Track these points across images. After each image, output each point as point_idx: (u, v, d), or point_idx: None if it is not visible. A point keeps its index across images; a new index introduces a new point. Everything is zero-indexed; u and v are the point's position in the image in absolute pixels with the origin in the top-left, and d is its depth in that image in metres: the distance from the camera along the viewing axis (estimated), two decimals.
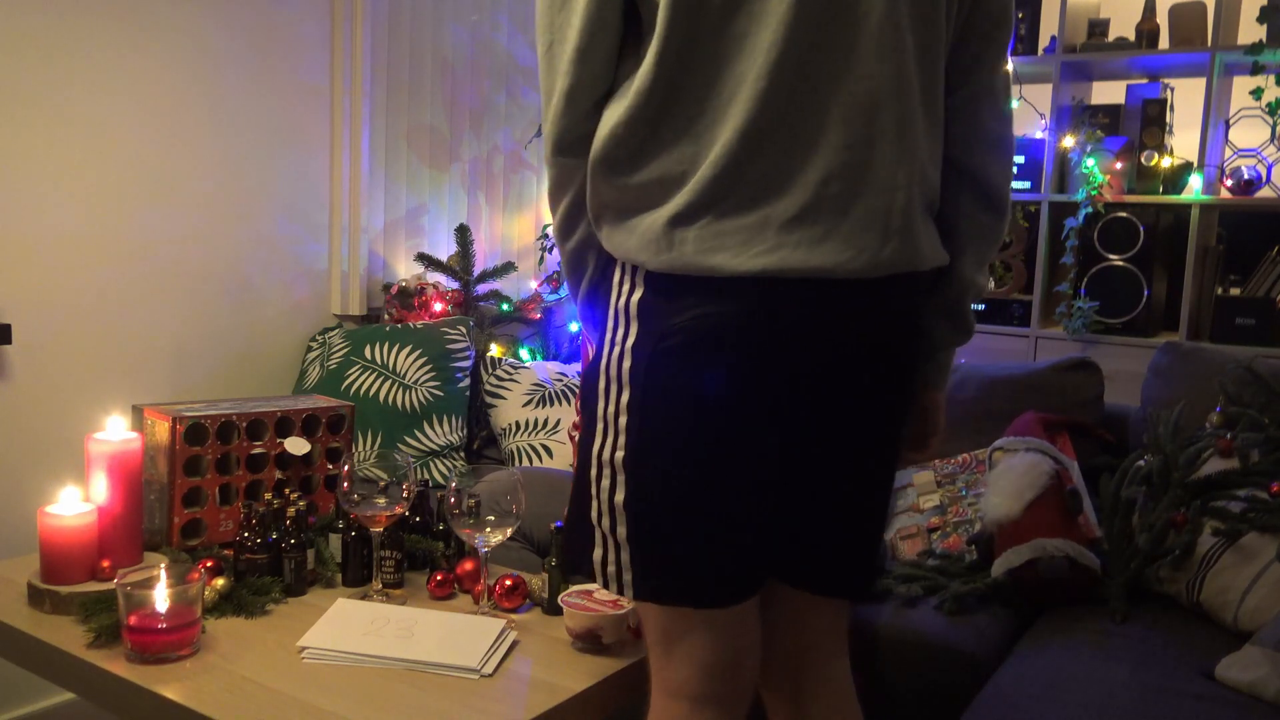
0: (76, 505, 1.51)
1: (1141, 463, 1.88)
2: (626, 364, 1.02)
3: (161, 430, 1.67)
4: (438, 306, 2.68)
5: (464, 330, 2.56)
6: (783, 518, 1.09)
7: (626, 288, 1.04)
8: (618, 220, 1.04)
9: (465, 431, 2.52)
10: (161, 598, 1.31)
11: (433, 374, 2.47)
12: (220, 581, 1.48)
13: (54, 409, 2.10)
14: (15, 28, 1.97)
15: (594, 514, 1.07)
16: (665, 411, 1.01)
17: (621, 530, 1.04)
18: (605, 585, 1.08)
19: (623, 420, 1.02)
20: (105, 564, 1.50)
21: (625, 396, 1.02)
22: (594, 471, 1.06)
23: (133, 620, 1.30)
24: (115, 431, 1.56)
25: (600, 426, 1.05)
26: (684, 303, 0.99)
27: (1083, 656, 1.56)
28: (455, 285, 2.81)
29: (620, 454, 1.03)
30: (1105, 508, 1.89)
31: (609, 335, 1.05)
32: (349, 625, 1.40)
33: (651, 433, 1.01)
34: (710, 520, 1.03)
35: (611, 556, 1.06)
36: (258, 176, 2.44)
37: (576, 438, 2.07)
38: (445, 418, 2.46)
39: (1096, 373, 2.21)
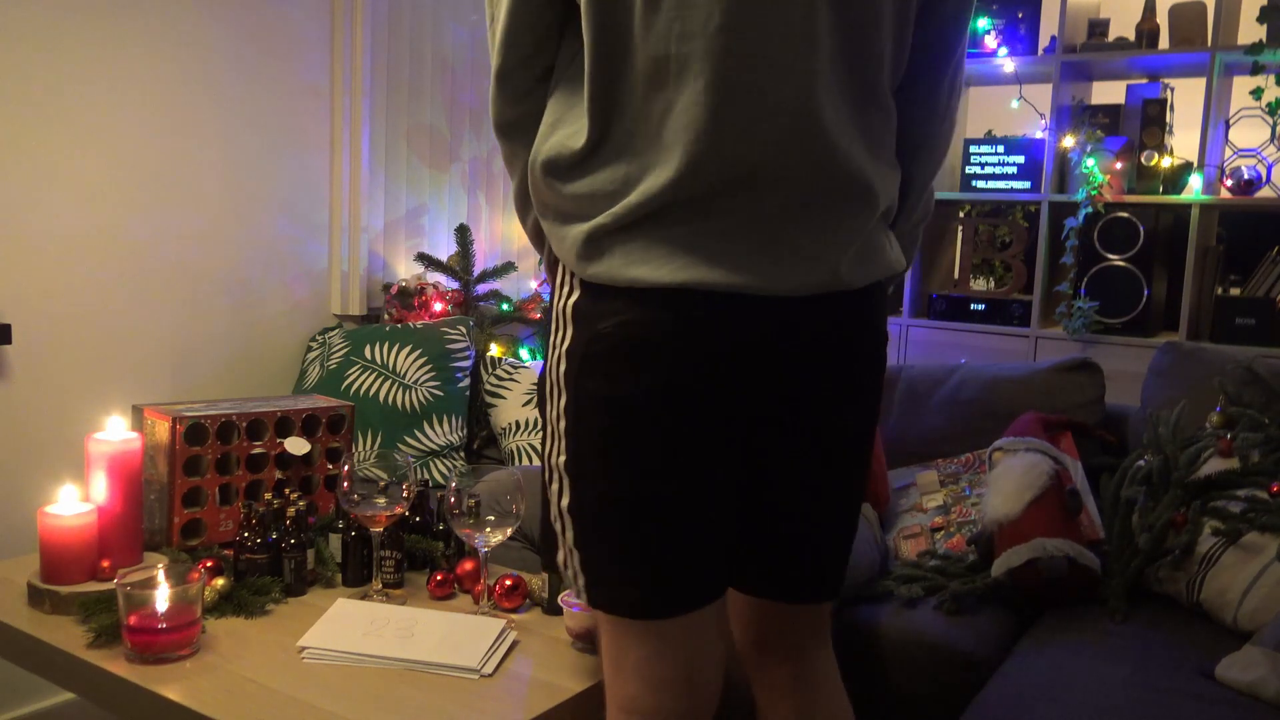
0: (76, 505, 1.51)
1: (1141, 463, 1.88)
2: (563, 368, 1.02)
3: (161, 430, 1.67)
4: (438, 306, 2.68)
5: (464, 330, 2.56)
6: (729, 527, 1.07)
7: (565, 289, 1.04)
8: (555, 222, 1.04)
9: (465, 431, 2.52)
10: (161, 598, 1.31)
11: (433, 374, 2.47)
12: (220, 581, 1.48)
13: (54, 409, 2.10)
14: (15, 28, 1.97)
15: (552, 517, 1.07)
16: (593, 417, 1.00)
17: (570, 535, 1.05)
18: (573, 588, 1.08)
19: (562, 425, 1.02)
20: (105, 564, 1.50)
21: (563, 401, 1.02)
22: (546, 475, 1.07)
23: (133, 620, 1.30)
24: (115, 431, 1.56)
25: (549, 431, 1.05)
26: (610, 306, 0.98)
27: (1083, 656, 1.56)
28: (455, 285, 2.81)
29: (563, 459, 1.03)
30: (1106, 508, 1.89)
31: (551, 338, 1.05)
32: (349, 625, 1.40)
33: (584, 438, 1.01)
34: (645, 527, 1.01)
35: (569, 560, 1.06)
36: (258, 176, 2.44)
37: None
38: (445, 418, 2.46)
39: (1098, 373, 2.21)
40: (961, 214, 3.33)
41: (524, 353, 2.95)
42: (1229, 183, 2.89)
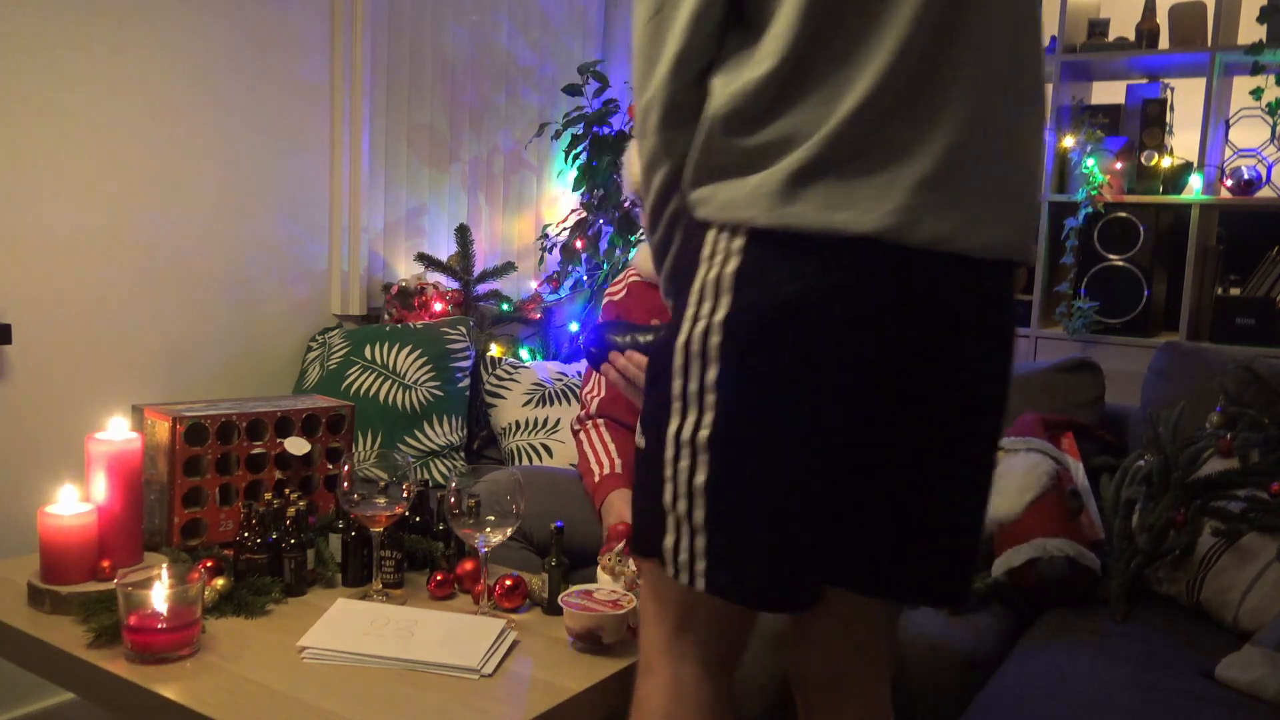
0: (76, 505, 1.51)
1: (1141, 463, 1.88)
2: (715, 339, 0.94)
3: (161, 430, 1.67)
4: (438, 306, 2.68)
5: (464, 330, 2.56)
6: (878, 513, 1.01)
7: (719, 259, 0.96)
8: (723, 178, 0.96)
9: (465, 431, 2.52)
10: (161, 598, 1.30)
11: (433, 374, 2.47)
12: (220, 581, 1.48)
13: (54, 409, 2.10)
14: (15, 28, 1.97)
15: (667, 497, 0.99)
16: (763, 389, 0.94)
17: (699, 514, 0.98)
18: (675, 574, 1.00)
19: (709, 398, 0.95)
20: (105, 564, 1.50)
21: (712, 373, 0.95)
22: (669, 453, 0.99)
23: (133, 620, 1.30)
24: (115, 431, 1.56)
25: (677, 406, 0.98)
26: (791, 271, 0.91)
27: (1083, 656, 1.56)
28: (455, 285, 2.81)
29: (704, 433, 0.96)
30: (1106, 508, 1.89)
31: (690, 311, 0.97)
32: (349, 625, 1.40)
33: (744, 412, 0.94)
34: (803, 506, 0.95)
35: (685, 543, 0.99)
36: (258, 176, 2.44)
37: (583, 431, 2.07)
38: (445, 418, 2.46)
39: (1098, 373, 2.21)
40: None
41: (524, 353, 2.95)
42: (1229, 183, 2.89)
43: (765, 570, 0.98)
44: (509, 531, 1.48)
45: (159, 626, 1.30)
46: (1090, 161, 2.93)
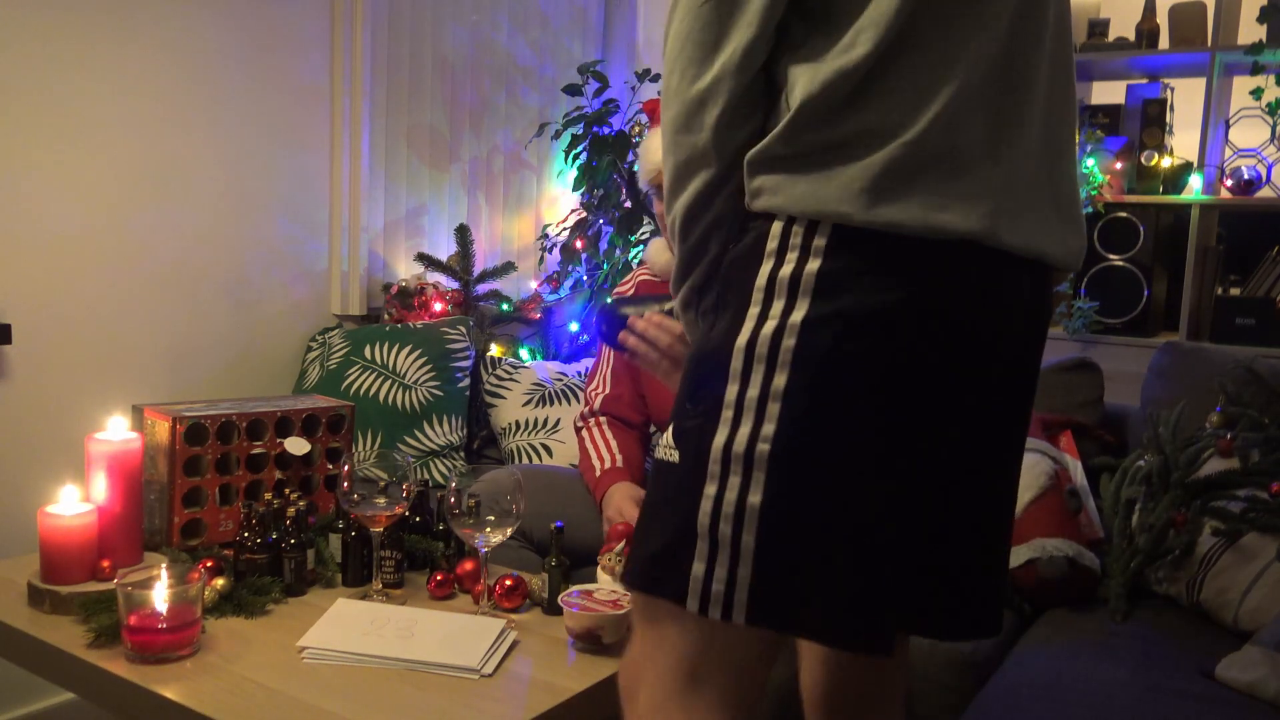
0: (76, 505, 1.51)
1: (1141, 463, 1.88)
2: (789, 342, 0.85)
3: (161, 430, 1.67)
4: (438, 306, 2.68)
5: (464, 330, 2.56)
6: (956, 546, 0.95)
7: (795, 255, 0.86)
8: (801, 170, 0.86)
9: (465, 431, 2.52)
10: (161, 598, 1.30)
11: (433, 374, 2.47)
12: (220, 581, 1.48)
13: (54, 409, 2.10)
14: (15, 28, 1.97)
15: (703, 518, 0.87)
16: (846, 402, 0.84)
17: (749, 538, 0.86)
18: (701, 607, 0.88)
19: (773, 408, 0.85)
20: (105, 564, 1.50)
21: (782, 380, 0.85)
22: (715, 467, 0.87)
23: (133, 620, 1.30)
24: (115, 431, 1.56)
25: (729, 415, 0.87)
26: (889, 276, 0.84)
27: (1083, 656, 1.56)
28: (455, 285, 2.80)
29: (764, 447, 0.85)
30: (1106, 508, 1.89)
31: (755, 310, 0.87)
32: (349, 625, 1.40)
33: (821, 426, 0.85)
34: (888, 536, 0.86)
35: (722, 572, 0.87)
36: (258, 176, 2.44)
37: (585, 429, 2.06)
38: (445, 418, 2.46)
39: (1096, 373, 2.21)
40: None
41: (524, 353, 2.95)
42: (1229, 183, 2.89)
43: (826, 603, 0.86)
44: (509, 531, 1.48)
45: (159, 626, 1.30)
46: (1090, 161, 2.93)
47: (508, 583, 1.52)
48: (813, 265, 0.85)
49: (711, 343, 0.91)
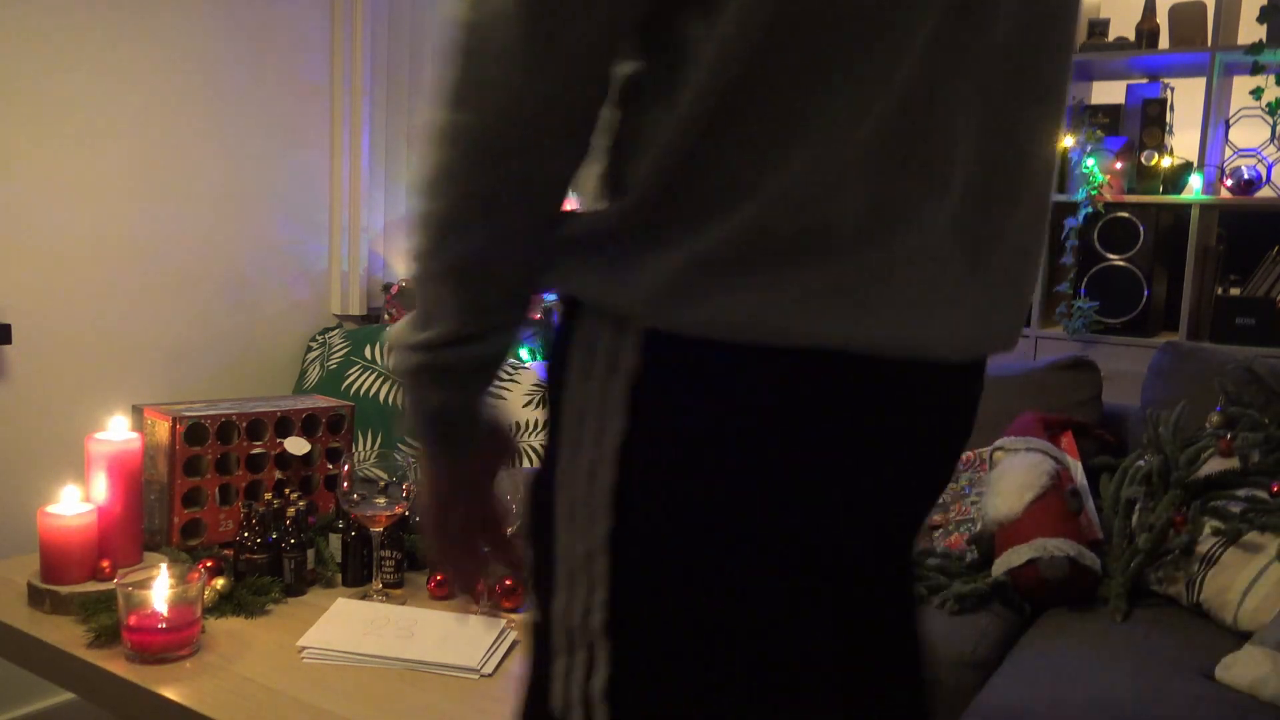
0: (76, 505, 1.51)
1: (1141, 463, 1.88)
2: (608, 477, 0.64)
3: (161, 430, 1.67)
4: None
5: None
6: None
7: (607, 359, 0.65)
8: (592, 250, 0.66)
9: None
10: (161, 598, 1.30)
11: None
12: (220, 581, 1.48)
13: (54, 409, 2.10)
14: (15, 27, 1.97)
15: (556, 705, 0.68)
16: (691, 552, 0.64)
17: None
18: None
19: (600, 565, 0.65)
20: (105, 564, 1.50)
21: (602, 530, 0.64)
22: (558, 639, 0.67)
23: (132, 620, 1.30)
24: (115, 431, 1.56)
25: (563, 573, 0.67)
26: (731, 386, 0.62)
27: (1083, 656, 1.56)
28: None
29: (601, 617, 0.65)
30: (1106, 508, 1.89)
31: (570, 431, 0.67)
32: (349, 625, 1.40)
33: (662, 584, 0.65)
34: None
35: None
36: (258, 176, 2.44)
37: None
38: None
39: (1094, 371, 2.21)
40: None
41: (524, 353, 2.94)
42: (1229, 183, 2.89)
43: None
44: (508, 531, 1.48)
45: (159, 626, 1.30)
46: (1090, 161, 2.93)
47: (508, 583, 1.52)
48: (621, 372, 0.64)
49: (541, 471, 0.70)
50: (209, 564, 1.52)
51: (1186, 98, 3.09)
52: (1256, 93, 2.73)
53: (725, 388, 0.62)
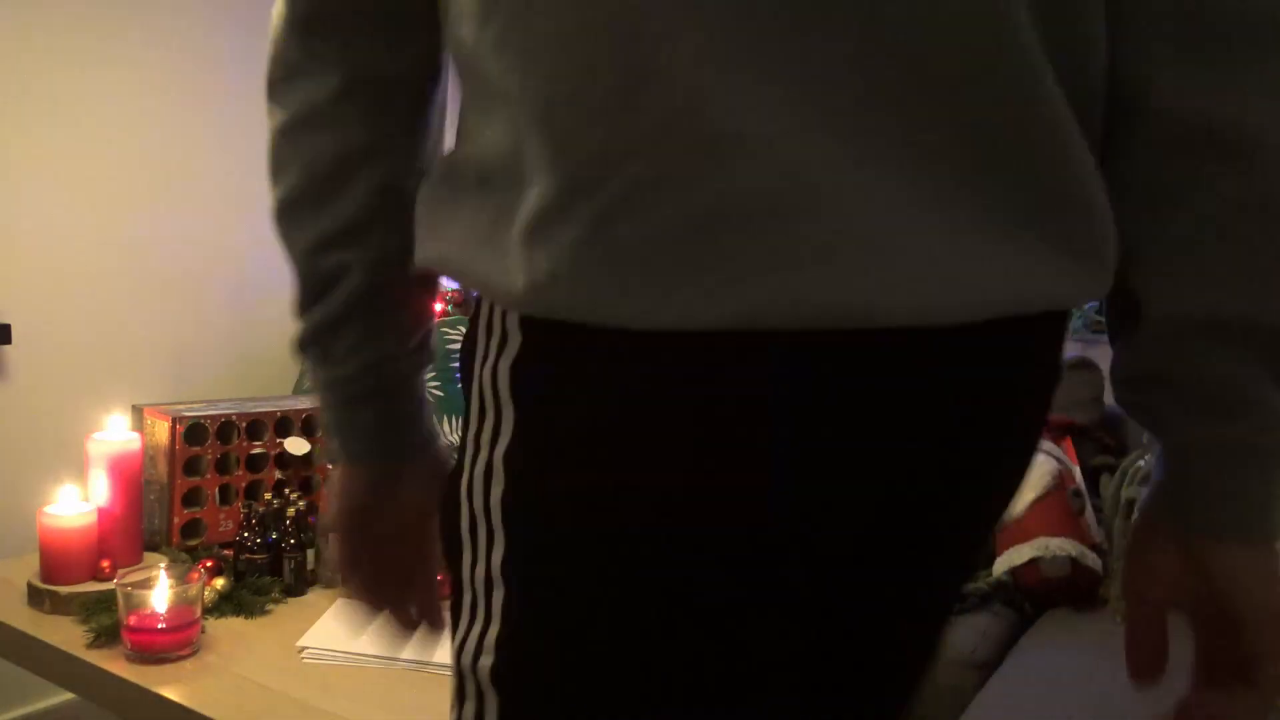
0: (76, 505, 1.51)
1: (1141, 463, 1.89)
2: (495, 490, 0.52)
3: (161, 430, 1.67)
4: (438, 306, 2.68)
5: (464, 330, 2.56)
6: None
7: (491, 341, 0.53)
8: (441, 208, 0.57)
9: None
10: (161, 598, 1.30)
11: (432, 374, 2.47)
12: (220, 581, 1.48)
13: (54, 409, 2.10)
14: (14, 28, 1.97)
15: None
16: (570, 587, 0.51)
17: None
18: None
19: (496, 596, 0.52)
20: (105, 564, 1.50)
21: (499, 552, 0.52)
22: (454, 679, 0.56)
23: (132, 620, 1.30)
24: (115, 431, 1.56)
25: (467, 599, 0.55)
26: (595, 369, 0.49)
27: (1083, 656, 1.56)
28: (455, 285, 2.80)
29: (486, 662, 0.53)
30: (1106, 508, 1.89)
31: (471, 428, 0.56)
32: (349, 625, 1.40)
33: (545, 627, 0.52)
34: None
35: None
36: (258, 176, 2.43)
37: None
38: (445, 418, 2.46)
39: (1096, 372, 2.21)
40: None
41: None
42: None
43: None
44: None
45: (159, 626, 1.30)
46: None
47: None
48: (508, 353, 0.52)
49: (450, 479, 0.59)
50: (209, 564, 1.52)
51: None
52: None
53: (592, 378, 0.50)
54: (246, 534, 1.55)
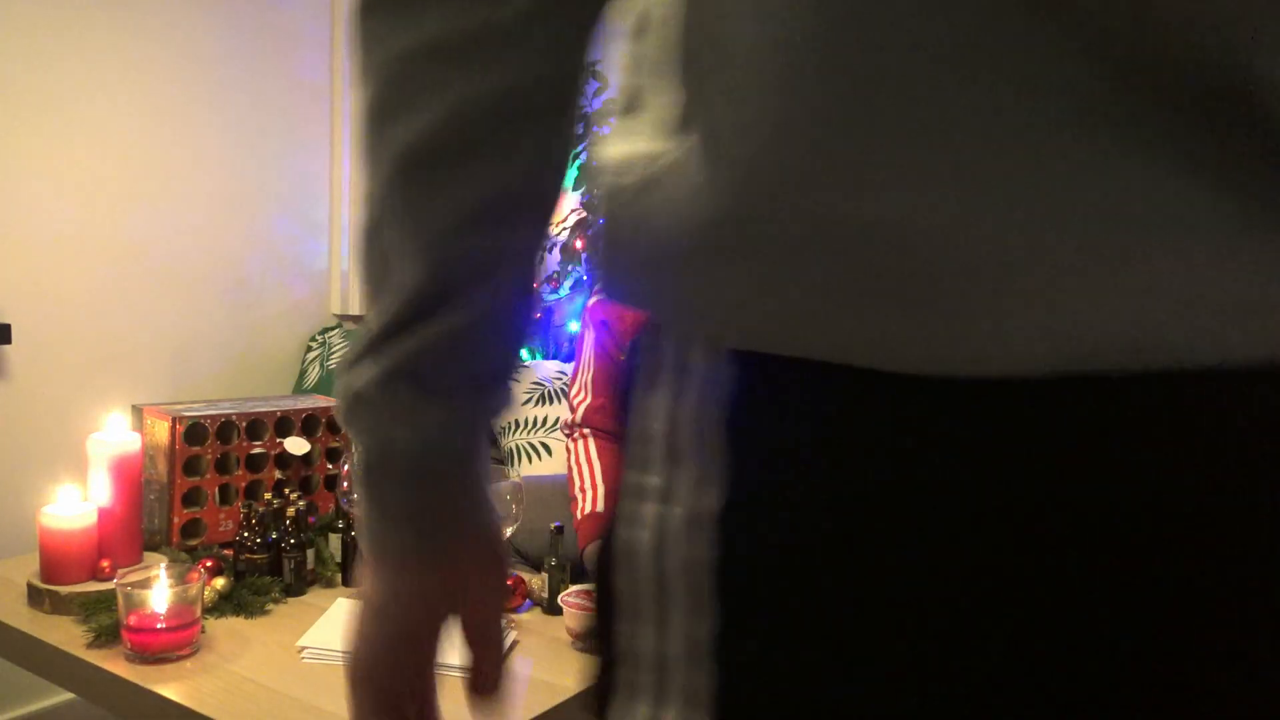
0: (76, 505, 1.51)
1: None
2: (700, 551, 0.41)
3: (161, 430, 1.67)
4: None
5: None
6: None
7: (676, 373, 0.44)
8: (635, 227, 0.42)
9: None
10: (161, 598, 1.31)
11: None
12: (220, 581, 1.48)
13: (54, 409, 2.10)
14: (14, 27, 1.97)
15: None
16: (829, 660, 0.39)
17: None
18: None
19: (697, 678, 0.41)
20: (105, 564, 1.50)
21: (703, 625, 0.41)
22: None
23: (132, 620, 1.30)
24: (115, 431, 1.56)
25: (645, 678, 0.43)
26: (875, 422, 0.38)
27: None
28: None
29: None
30: None
31: (652, 474, 0.44)
32: (349, 625, 1.40)
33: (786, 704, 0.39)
34: None
35: None
36: (257, 176, 2.44)
37: (570, 441, 2.04)
38: None
39: None
40: None
41: (523, 351, 2.95)
42: None
43: None
44: (508, 532, 1.48)
45: (159, 626, 1.30)
46: None
47: (507, 583, 1.52)
48: (706, 393, 0.42)
49: (603, 543, 0.47)
50: (209, 564, 1.53)
51: None
52: None
53: (866, 427, 0.40)
54: (246, 534, 1.55)
